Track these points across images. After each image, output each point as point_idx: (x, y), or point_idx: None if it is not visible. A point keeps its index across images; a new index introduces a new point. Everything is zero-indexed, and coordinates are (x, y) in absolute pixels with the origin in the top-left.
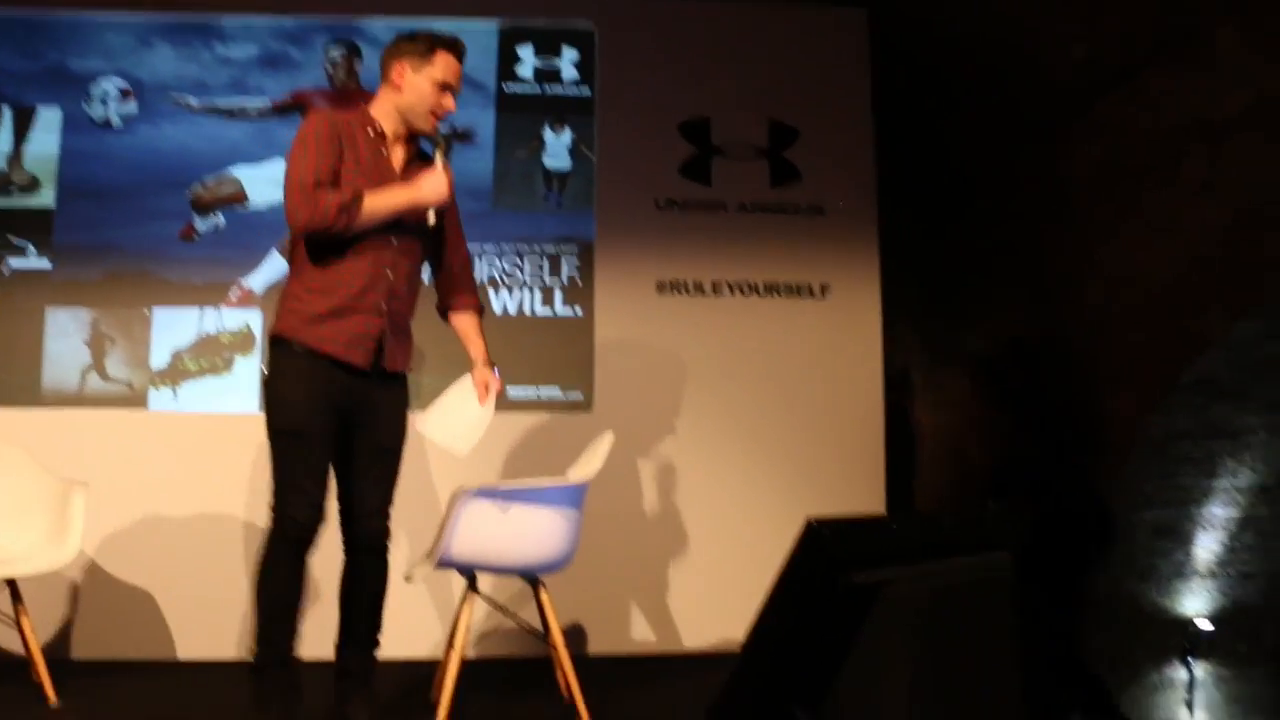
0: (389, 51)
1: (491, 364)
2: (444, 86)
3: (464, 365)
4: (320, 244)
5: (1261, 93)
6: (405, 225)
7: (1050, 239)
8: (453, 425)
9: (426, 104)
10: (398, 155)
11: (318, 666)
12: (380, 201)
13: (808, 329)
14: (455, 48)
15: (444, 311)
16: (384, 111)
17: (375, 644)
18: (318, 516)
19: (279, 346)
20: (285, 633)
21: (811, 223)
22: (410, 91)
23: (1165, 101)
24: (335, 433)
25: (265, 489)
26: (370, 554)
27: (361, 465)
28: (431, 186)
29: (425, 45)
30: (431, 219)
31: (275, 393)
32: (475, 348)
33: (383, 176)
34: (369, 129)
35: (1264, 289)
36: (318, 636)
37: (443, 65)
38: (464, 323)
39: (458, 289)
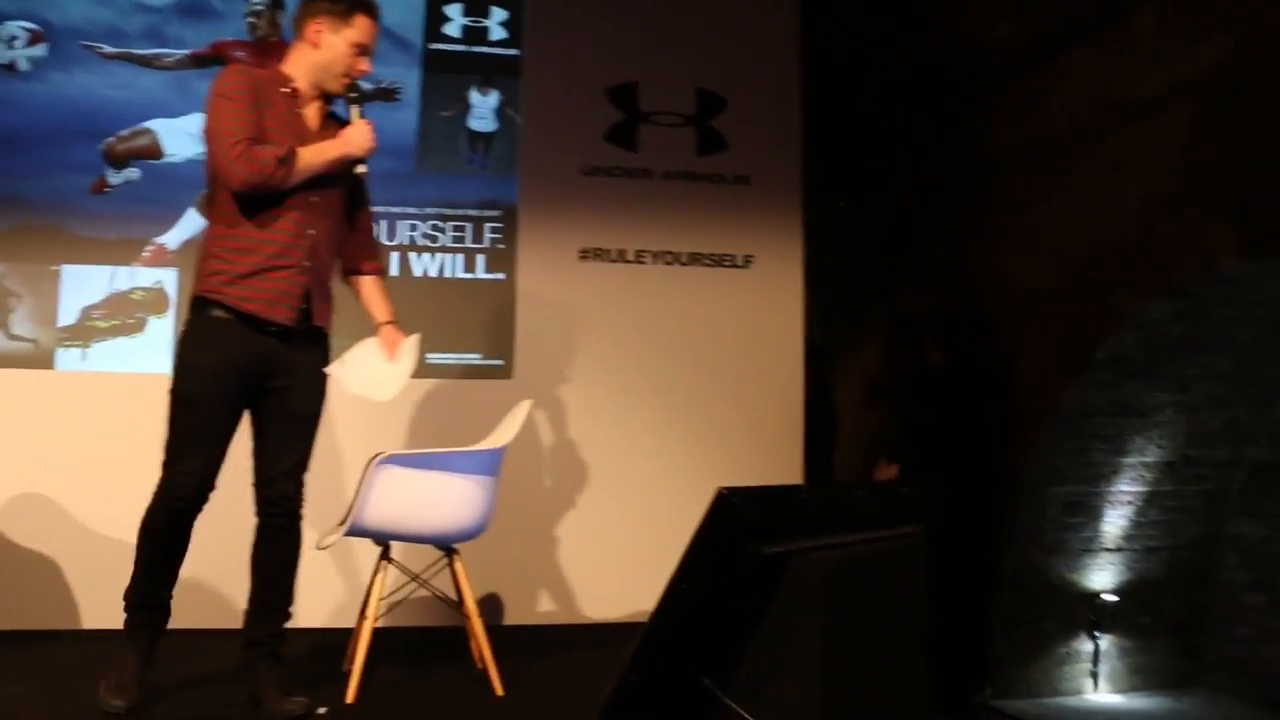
0: (306, 8)
1: (396, 324)
2: (360, 49)
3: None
4: (245, 202)
5: (1175, 76)
6: (326, 182)
7: (972, 212)
8: (370, 376)
9: (341, 65)
10: (311, 114)
11: (229, 634)
12: (312, 155)
13: (731, 299)
14: (372, 10)
15: (349, 273)
16: (299, 70)
17: (285, 613)
18: (196, 487)
19: (199, 308)
20: (160, 585)
21: (737, 192)
22: (326, 51)
23: (1086, 81)
24: (238, 401)
25: None
26: (280, 518)
27: (275, 429)
28: (359, 138)
29: (344, 6)
30: (361, 170)
31: (182, 356)
32: (381, 309)
33: (299, 135)
34: (283, 87)
35: (1175, 269)
36: (228, 604)
37: (360, 28)
38: (369, 284)
39: (365, 252)
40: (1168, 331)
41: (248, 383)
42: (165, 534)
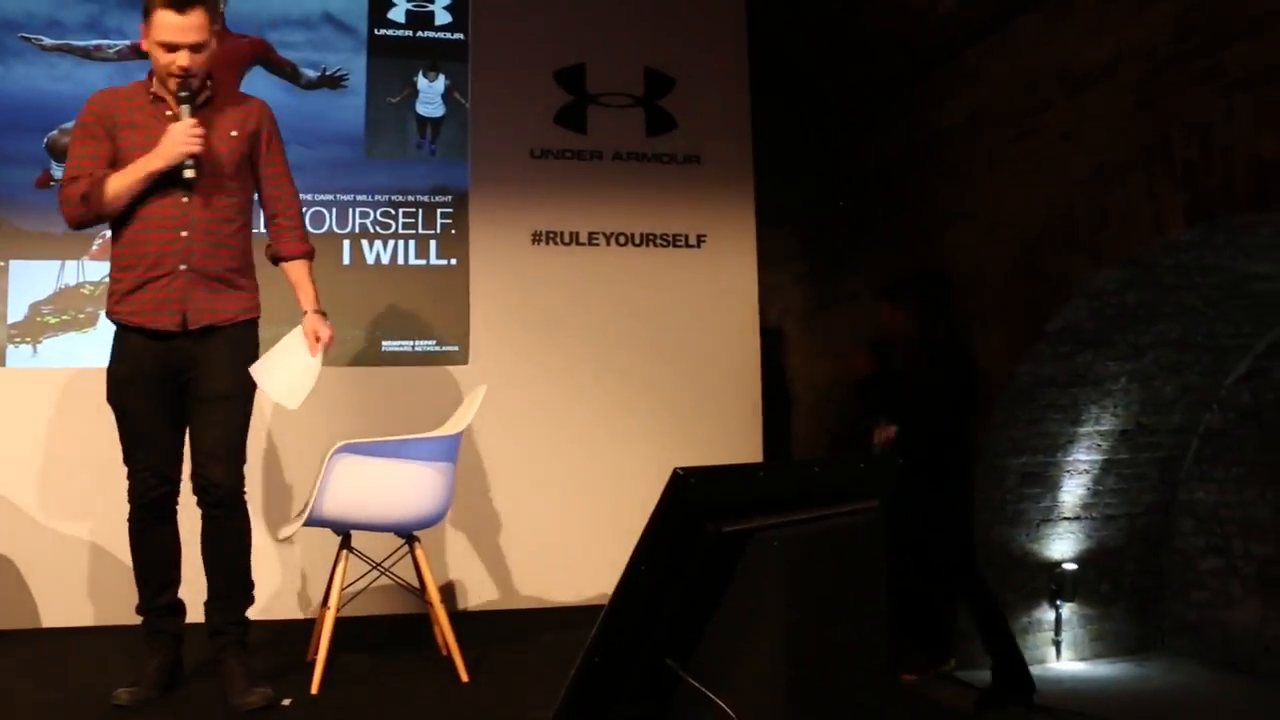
0: None
1: (323, 313)
2: (169, 46)
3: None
4: (114, 222)
5: (1120, 44)
6: (189, 181)
7: (922, 184)
8: (282, 378)
9: (161, 67)
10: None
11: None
12: (126, 177)
13: (684, 279)
14: (172, 3)
15: (273, 260)
16: (156, 76)
17: (242, 600)
18: (155, 483)
19: (112, 325)
20: (157, 588)
21: (688, 172)
22: (152, 55)
23: (1030, 51)
24: (162, 401)
25: None
26: (214, 506)
27: (193, 417)
28: (172, 141)
29: (144, 6)
30: (188, 174)
31: (107, 370)
32: (305, 296)
33: None
34: (147, 95)
35: (1125, 238)
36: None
37: (160, 25)
38: (293, 270)
39: (282, 236)
40: (1120, 300)
41: (165, 383)
42: (144, 535)
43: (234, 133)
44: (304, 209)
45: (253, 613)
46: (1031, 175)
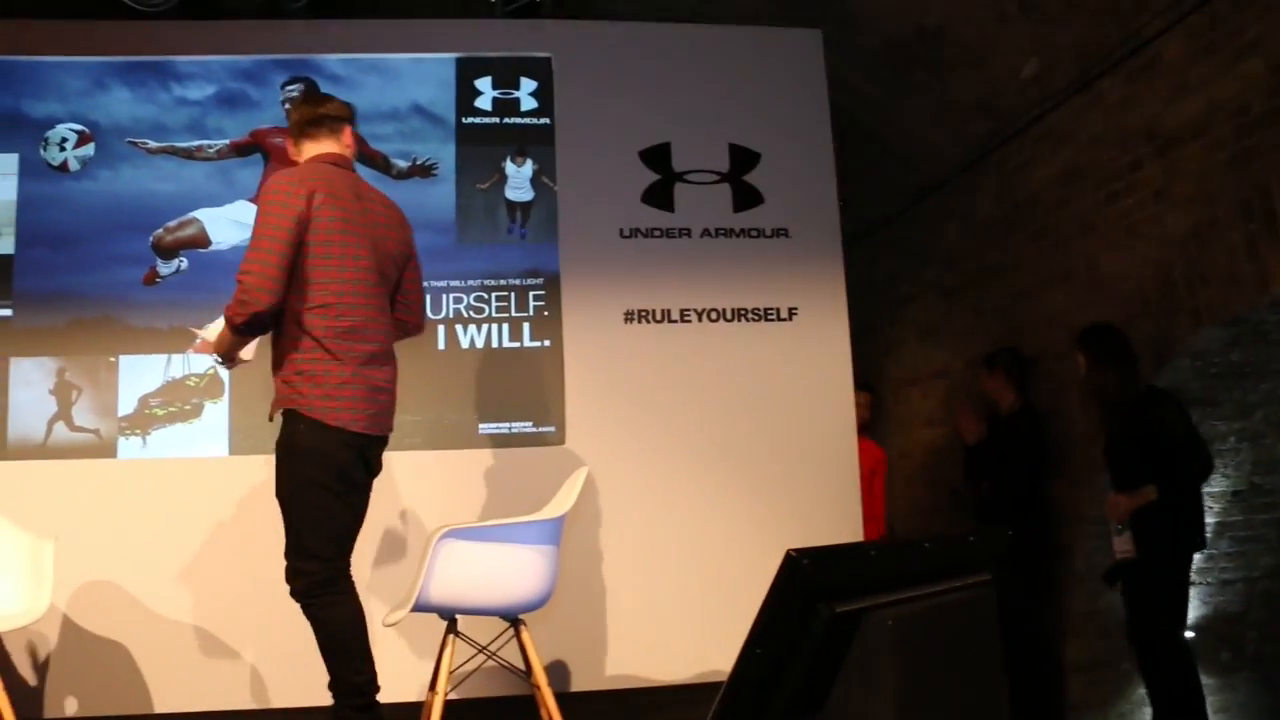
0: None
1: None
2: None
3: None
4: None
5: (1211, 100)
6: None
7: (1011, 250)
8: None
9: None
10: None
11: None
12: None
13: (777, 353)
14: None
15: None
16: None
17: (332, 688)
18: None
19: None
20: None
21: (776, 246)
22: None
23: (1118, 111)
24: None
25: (236, 533)
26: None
27: None
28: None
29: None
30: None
31: None
32: None
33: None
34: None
35: (1227, 295)
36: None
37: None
38: None
39: None
40: (1225, 359)
41: None
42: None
43: None
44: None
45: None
46: (1125, 236)
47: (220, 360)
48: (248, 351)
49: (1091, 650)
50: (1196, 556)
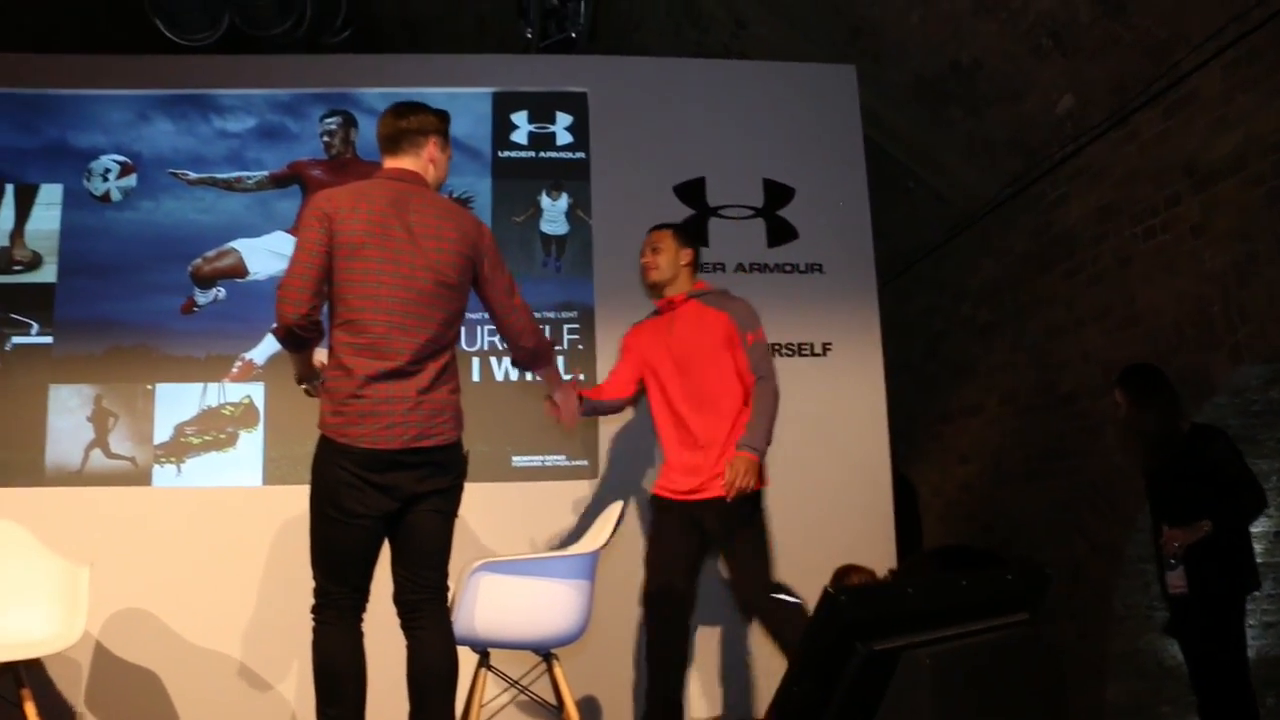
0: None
1: None
2: None
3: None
4: None
5: (1250, 134)
6: None
7: (1047, 285)
8: None
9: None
10: None
11: None
12: None
13: (812, 388)
14: None
15: None
16: None
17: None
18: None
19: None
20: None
21: (811, 281)
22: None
23: (1154, 146)
24: None
25: (269, 563)
26: None
27: None
28: None
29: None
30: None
31: None
32: None
33: None
34: None
35: (1265, 333)
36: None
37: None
38: None
39: None
40: (1265, 396)
41: None
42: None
43: None
44: None
45: None
46: (1163, 272)
47: (298, 383)
48: None
49: (1133, 693)
50: None
